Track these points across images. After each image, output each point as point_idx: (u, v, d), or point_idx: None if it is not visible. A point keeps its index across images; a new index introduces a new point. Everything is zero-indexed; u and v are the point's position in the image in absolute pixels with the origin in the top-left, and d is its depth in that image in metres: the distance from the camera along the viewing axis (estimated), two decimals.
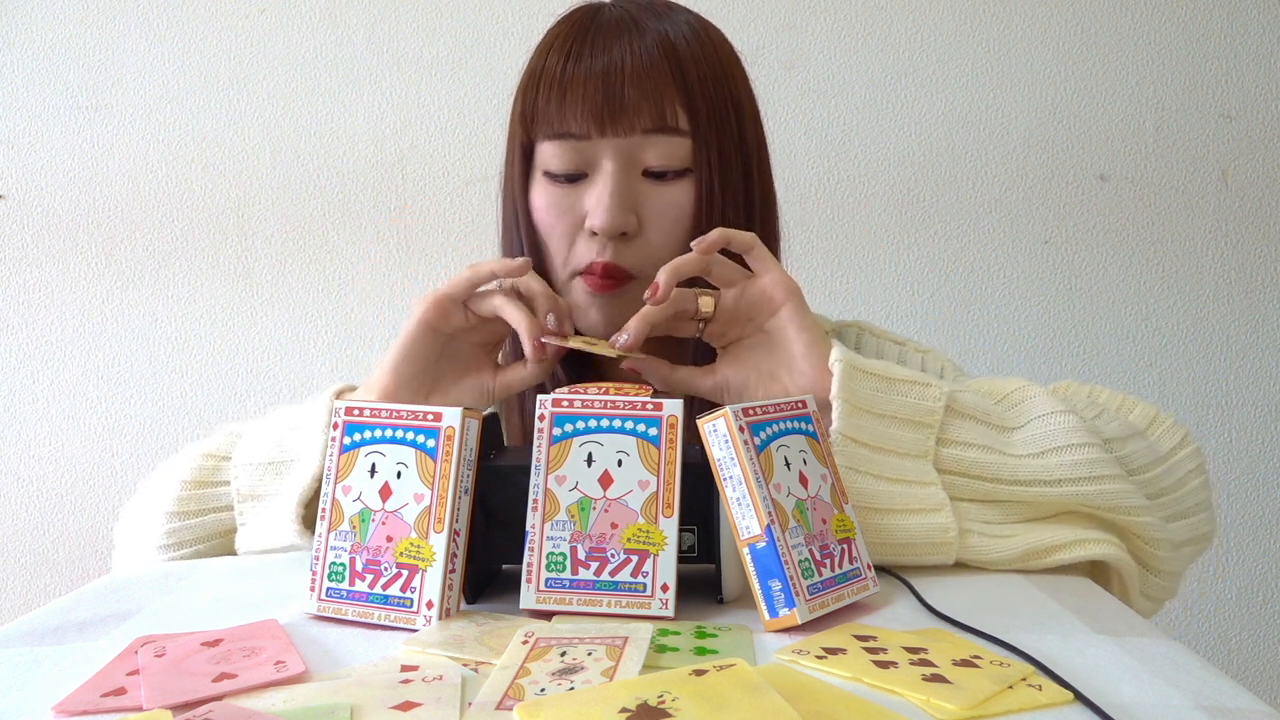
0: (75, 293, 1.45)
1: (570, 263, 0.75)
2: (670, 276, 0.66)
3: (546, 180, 0.75)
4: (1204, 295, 1.43)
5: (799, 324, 0.66)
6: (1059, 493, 0.62)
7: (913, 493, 0.62)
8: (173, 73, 1.45)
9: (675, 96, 0.73)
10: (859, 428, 0.62)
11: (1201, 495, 0.70)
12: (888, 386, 0.64)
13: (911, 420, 0.63)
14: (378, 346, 1.46)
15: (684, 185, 0.74)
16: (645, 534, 0.51)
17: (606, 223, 0.72)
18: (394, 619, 0.51)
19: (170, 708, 0.40)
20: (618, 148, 0.72)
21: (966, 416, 0.64)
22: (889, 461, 0.63)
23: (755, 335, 0.69)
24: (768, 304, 0.67)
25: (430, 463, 0.52)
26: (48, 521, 1.46)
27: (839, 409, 0.62)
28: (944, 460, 0.63)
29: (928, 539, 0.61)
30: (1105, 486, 0.62)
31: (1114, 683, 0.42)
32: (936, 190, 1.43)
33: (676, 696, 0.38)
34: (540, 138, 0.74)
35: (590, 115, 0.71)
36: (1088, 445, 0.62)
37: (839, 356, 0.64)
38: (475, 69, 1.44)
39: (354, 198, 1.45)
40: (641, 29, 0.74)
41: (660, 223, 0.74)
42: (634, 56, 0.72)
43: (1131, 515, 0.63)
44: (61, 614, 0.56)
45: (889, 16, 1.43)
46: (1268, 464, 1.43)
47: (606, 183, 0.72)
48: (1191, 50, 1.41)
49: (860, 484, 0.62)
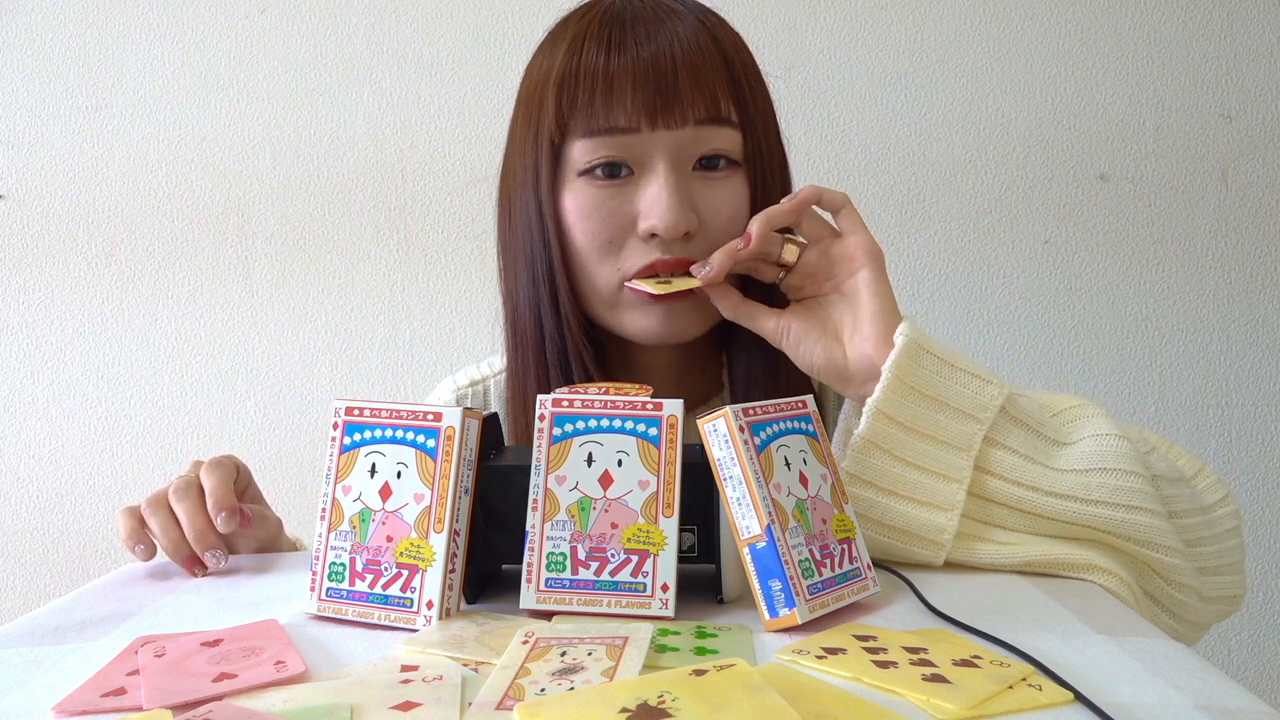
0: (75, 293, 1.45)
1: (622, 269, 0.71)
2: (763, 225, 0.65)
3: (585, 181, 0.70)
4: (1204, 295, 1.43)
5: (874, 289, 0.66)
6: (1094, 514, 0.60)
7: (929, 484, 0.61)
8: (173, 73, 1.45)
9: (726, 88, 0.70)
10: (900, 406, 0.61)
11: (1236, 556, 0.68)
12: (948, 372, 0.62)
13: (963, 411, 0.62)
14: (377, 346, 1.46)
15: (736, 180, 0.72)
16: (645, 534, 0.51)
17: (670, 222, 0.67)
18: (394, 619, 0.51)
19: (170, 708, 0.39)
20: (669, 141, 0.68)
21: (1020, 422, 0.62)
22: (920, 446, 0.61)
23: (831, 294, 0.68)
24: (849, 263, 0.67)
25: (430, 463, 0.52)
26: (48, 521, 1.46)
27: (886, 382, 0.61)
28: (987, 460, 0.61)
29: (919, 532, 0.60)
30: (1143, 519, 0.60)
31: (1114, 683, 0.42)
32: (936, 190, 1.43)
33: (676, 696, 0.38)
34: (577, 135, 0.69)
35: (642, 107, 0.67)
36: (1135, 474, 0.61)
37: (906, 331, 0.63)
38: (475, 69, 1.44)
39: (354, 198, 1.45)
40: (679, 15, 0.71)
41: (717, 220, 0.71)
42: (682, 44, 0.68)
43: (1163, 554, 0.61)
44: (61, 614, 0.56)
45: (889, 16, 1.43)
46: (1268, 464, 1.43)
47: (664, 180, 0.68)
48: (1191, 50, 1.41)
49: (876, 460, 0.61)
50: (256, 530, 0.70)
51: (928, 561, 0.61)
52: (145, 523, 0.66)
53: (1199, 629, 0.67)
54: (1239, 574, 0.69)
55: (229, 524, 0.65)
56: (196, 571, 0.66)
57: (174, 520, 0.65)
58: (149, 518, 0.65)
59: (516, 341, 0.78)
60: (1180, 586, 0.63)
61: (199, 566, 0.66)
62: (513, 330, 0.78)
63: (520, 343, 0.77)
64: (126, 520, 0.66)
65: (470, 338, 1.45)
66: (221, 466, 0.68)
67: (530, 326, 0.76)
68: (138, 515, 0.66)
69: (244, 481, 0.72)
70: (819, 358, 0.67)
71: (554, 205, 0.71)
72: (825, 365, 0.67)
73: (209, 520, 0.65)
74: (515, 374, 0.79)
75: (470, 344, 1.45)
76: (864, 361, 0.65)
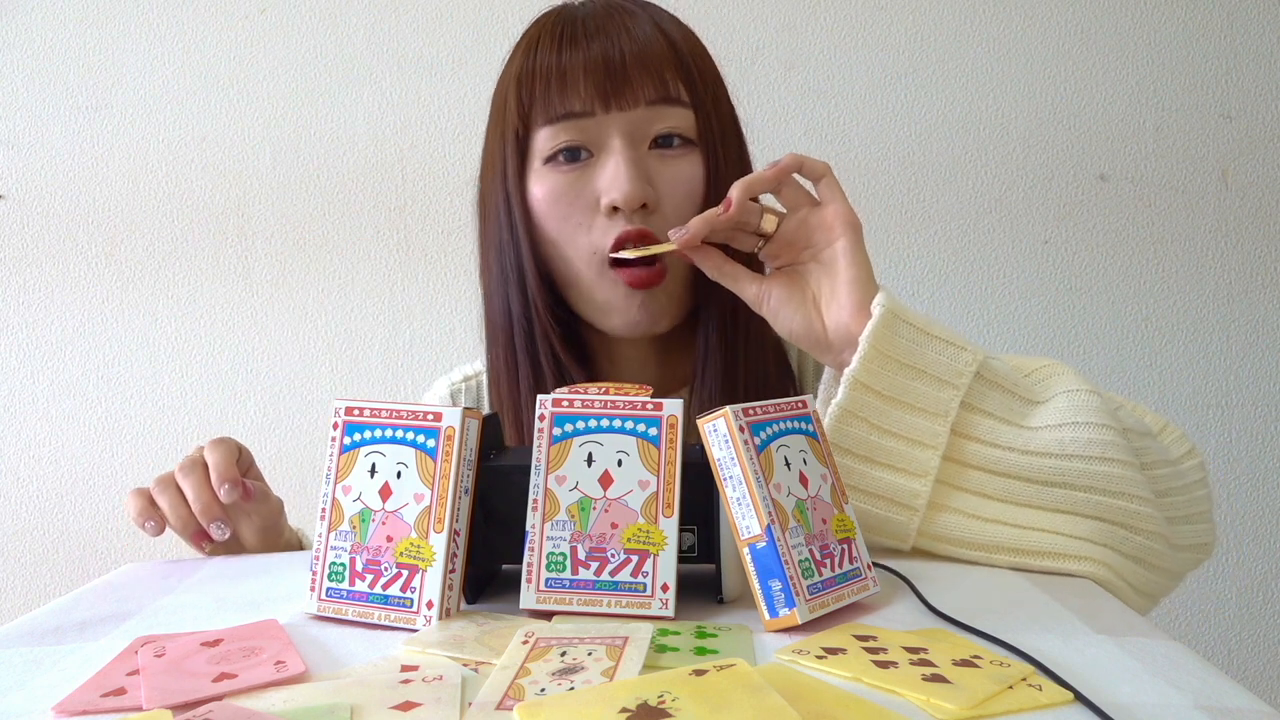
0: (75, 293, 1.45)
1: (595, 246, 0.74)
2: (742, 191, 0.66)
3: (549, 168, 0.74)
4: (1204, 295, 1.43)
5: (851, 258, 0.66)
6: (1068, 467, 0.61)
7: (905, 450, 0.62)
8: (173, 73, 1.45)
9: (675, 71, 0.74)
10: (877, 375, 0.62)
11: (1204, 505, 0.70)
12: (924, 340, 0.63)
13: (939, 379, 0.63)
14: (377, 346, 1.46)
15: (692, 158, 0.75)
16: (645, 534, 0.51)
17: (628, 193, 0.71)
18: (394, 619, 0.51)
19: (170, 708, 0.39)
20: (623, 122, 0.73)
21: (995, 385, 0.63)
22: (897, 414, 0.62)
23: (809, 262, 0.69)
24: (827, 232, 0.68)
25: (430, 463, 0.52)
26: (48, 521, 1.46)
27: (864, 352, 0.62)
28: (964, 424, 0.62)
29: (894, 497, 0.61)
30: (1115, 470, 0.61)
31: (1114, 683, 0.42)
32: (936, 190, 1.43)
33: (676, 696, 0.38)
34: (538, 124, 0.74)
35: (594, 90, 0.72)
36: (1106, 427, 0.62)
37: (882, 301, 0.64)
38: (475, 69, 1.44)
39: (354, 198, 1.45)
40: (628, 11, 0.75)
41: (674, 196, 0.74)
42: (629, 36, 0.73)
43: (1135, 504, 0.62)
44: (61, 614, 0.56)
45: (889, 16, 1.43)
46: (1268, 464, 1.43)
47: (619, 155, 0.72)
48: (1191, 50, 1.41)
49: (854, 429, 0.62)
50: (258, 506, 0.74)
51: (900, 533, 0.62)
52: (154, 501, 0.70)
53: (1173, 577, 0.68)
54: (1208, 523, 0.70)
55: (231, 495, 0.69)
56: (204, 546, 0.71)
57: (182, 498, 0.70)
58: (158, 496, 0.70)
59: (491, 334, 0.82)
60: (1153, 535, 0.63)
61: (206, 541, 0.71)
62: (488, 323, 0.82)
63: (492, 335, 0.81)
64: (136, 499, 0.71)
65: (470, 338, 1.44)
66: (224, 443, 0.73)
67: (500, 316, 0.80)
68: (147, 495, 0.71)
69: (246, 463, 0.76)
70: (798, 324, 0.68)
71: (521, 193, 0.76)
72: (804, 333, 0.68)
73: (214, 494, 0.69)
74: (492, 367, 0.82)
75: (470, 344, 1.44)
76: (841, 330, 0.66)
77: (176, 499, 0.70)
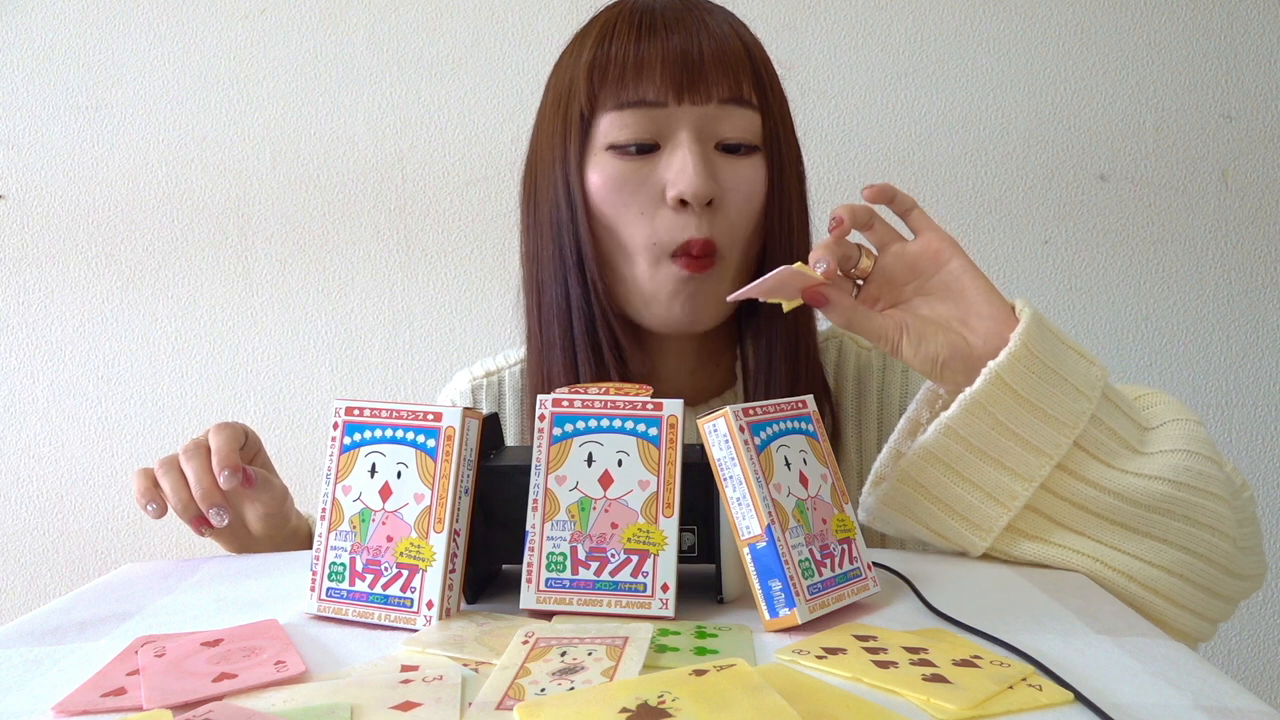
0: (75, 293, 1.45)
1: (657, 239, 0.73)
2: (850, 213, 0.65)
3: (613, 154, 0.73)
4: (1204, 295, 1.43)
5: (975, 272, 0.66)
6: (1176, 496, 0.60)
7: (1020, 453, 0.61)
8: (173, 73, 1.45)
9: (748, 73, 0.74)
10: (1020, 374, 0.61)
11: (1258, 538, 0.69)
12: (1062, 347, 0.63)
13: (1077, 388, 0.62)
14: (377, 346, 1.46)
15: (755, 161, 0.75)
16: (645, 534, 0.51)
17: (696, 187, 0.71)
18: (394, 619, 0.51)
19: (170, 708, 0.39)
20: (694, 116, 0.72)
21: (1114, 405, 0.63)
22: (1025, 417, 0.61)
23: (913, 297, 0.67)
24: (933, 259, 0.67)
25: (430, 463, 0.52)
26: (48, 521, 1.46)
27: (1013, 348, 0.61)
28: (1086, 439, 0.61)
29: (991, 491, 0.61)
30: (1216, 507, 0.61)
31: (1114, 683, 0.42)
32: (936, 190, 1.43)
33: (676, 696, 0.38)
34: (606, 110, 0.73)
35: (669, 81, 0.71)
36: (1214, 461, 0.62)
37: (1027, 304, 0.63)
38: (475, 69, 1.44)
39: (354, 198, 1.45)
40: (708, 10, 0.76)
41: (736, 197, 0.74)
42: (708, 33, 0.73)
43: (1222, 540, 0.62)
44: (61, 614, 0.56)
45: (889, 16, 1.43)
46: (1268, 464, 1.43)
47: (689, 149, 0.72)
48: (1191, 50, 1.41)
49: (979, 422, 0.61)
50: (261, 493, 0.73)
51: (986, 524, 0.62)
52: (158, 483, 0.71)
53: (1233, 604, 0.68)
54: (1260, 555, 0.70)
55: (231, 481, 0.69)
56: (204, 531, 0.72)
57: (184, 481, 0.70)
58: (161, 478, 0.71)
59: (541, 319, 0.79)
60: (1223, 569, 0.63)
61: (206, 525, 0.71)
62: (537, 308, 0.79)
63: (545, 319, 0.78)
64: (140, 480, 0.71)
65: (470, 338, 1.45)
66: (229, 428, 0.72)
67: (558, 301, 0.77)
68: (151, 476, 0.71)
69: (253, 448, 0.76)
70: (944, 349, 0.64)
71: (581, 178, 0.74)
72: (951, 355, 0.64)
73: (215, 479, 0.69)
74: (538, 353, 0.79)
75: (470, 344, 1.45)
76: (993, 338, 0.63)
77: (179, 482, 0.70)
